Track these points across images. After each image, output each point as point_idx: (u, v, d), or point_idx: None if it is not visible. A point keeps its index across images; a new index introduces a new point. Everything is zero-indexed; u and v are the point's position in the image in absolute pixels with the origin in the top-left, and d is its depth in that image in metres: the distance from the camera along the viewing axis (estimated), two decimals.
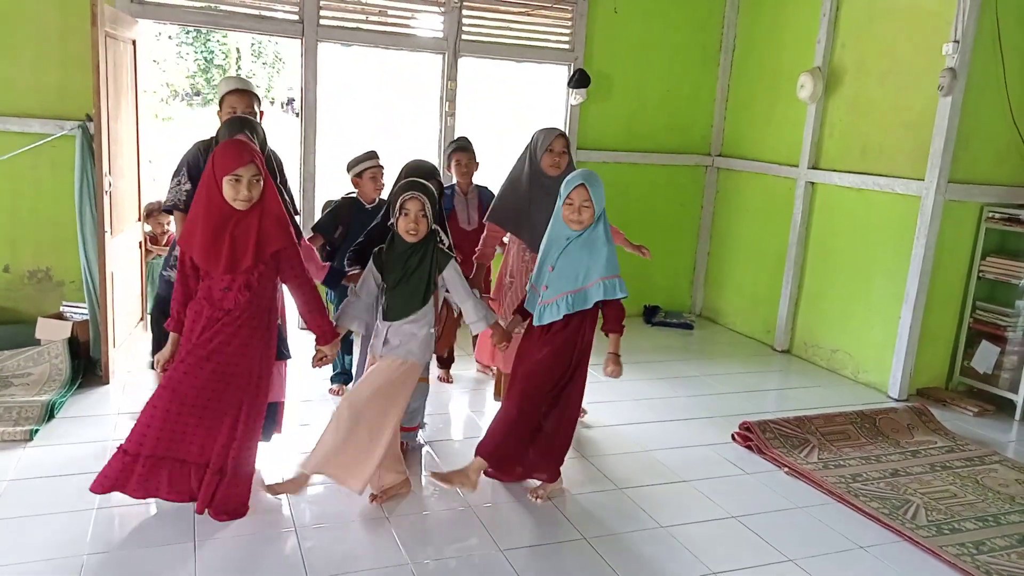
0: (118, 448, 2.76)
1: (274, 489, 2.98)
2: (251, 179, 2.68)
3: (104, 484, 2.74)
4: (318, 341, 2.98)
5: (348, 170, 3.99)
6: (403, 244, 2.98)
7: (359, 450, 2.91)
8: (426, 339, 3.06)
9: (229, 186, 2.67)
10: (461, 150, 4.31)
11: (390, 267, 3.01)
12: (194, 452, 2.78)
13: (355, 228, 3.81)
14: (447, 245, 3.20)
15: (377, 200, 3.98)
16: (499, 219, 3.77)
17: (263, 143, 3.18)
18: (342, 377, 4.19)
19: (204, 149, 3.39)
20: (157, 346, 3.41)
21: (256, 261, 2.74)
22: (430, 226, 3.00)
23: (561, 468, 3.23)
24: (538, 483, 3.23)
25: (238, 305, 2.74)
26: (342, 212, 3.92)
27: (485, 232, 3.86)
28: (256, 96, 3.54)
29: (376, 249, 3.07)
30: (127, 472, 2.73)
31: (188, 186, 3.38)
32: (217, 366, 2.74)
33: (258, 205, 2.74)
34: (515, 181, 3.72)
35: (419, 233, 2.95)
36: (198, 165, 3.32)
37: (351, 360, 4.20)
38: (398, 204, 2.95)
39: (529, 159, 3.68)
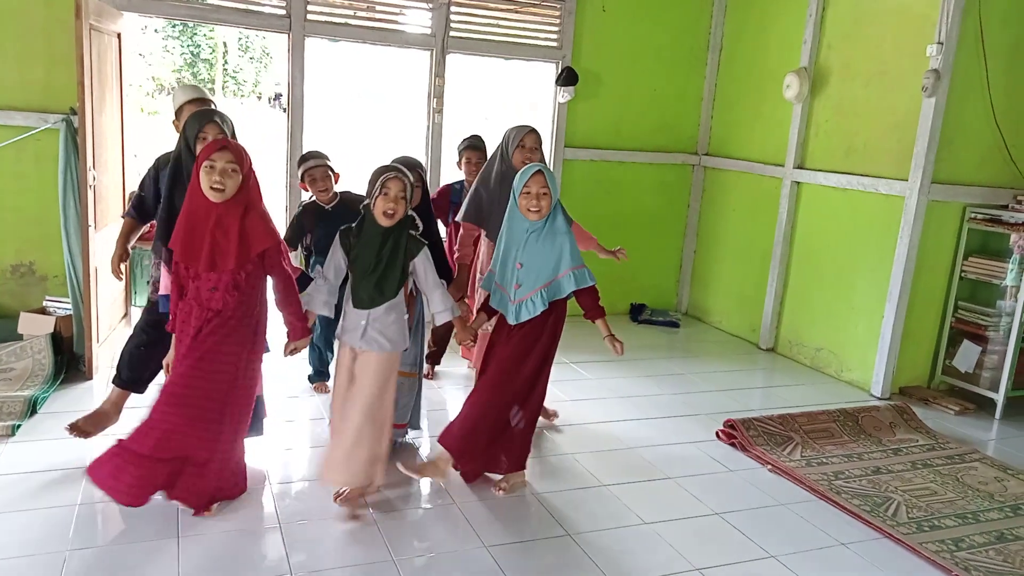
0: (118, 442, 2.71)
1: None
2: (225, 166, 2.62)
3: (100, 476, 2.68)
4: (289, 336, 2.92)
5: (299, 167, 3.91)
6: (375, 228, 2.85)
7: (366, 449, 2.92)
8: (402, 328, 2.98)
9: (204, 174, 2.62)
10: (473, 148, 4.27)
11: (360, 251, 2.88)
12: (181, 451, 2.73)
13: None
14: (420, 232, 3.04)
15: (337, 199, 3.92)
16: (472, 218, 3.69)
17: (232, 134, 3.11)
18: (321, 376, 4.18)
19: (164, 162, 3.29)
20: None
21: (241, 262, 2.68)
22: (406, 212, 2.90)
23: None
24: (499, 476, 3.23)
25: (227, 306, 2.70)
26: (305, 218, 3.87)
27: (461, 231, 3.77)
28: (211, 101, 3.48)
29: (344, 228, 2.94)
30: (119, 470, 2.67)
31: (140, 193, 3.43)
32: (210, 366, 2.71)
33: (241, 201, 2.68)
34: (485, 179, 3.67)
35: (396, 215, 2.83)
36: (154, 176, 3.34)
37: (332, 358, 4.20)
38: (378, 183, 2.81)
39: (501, 156, 3.63)
